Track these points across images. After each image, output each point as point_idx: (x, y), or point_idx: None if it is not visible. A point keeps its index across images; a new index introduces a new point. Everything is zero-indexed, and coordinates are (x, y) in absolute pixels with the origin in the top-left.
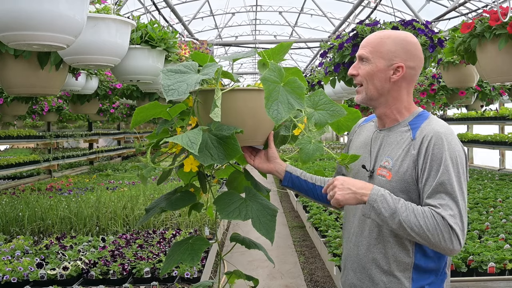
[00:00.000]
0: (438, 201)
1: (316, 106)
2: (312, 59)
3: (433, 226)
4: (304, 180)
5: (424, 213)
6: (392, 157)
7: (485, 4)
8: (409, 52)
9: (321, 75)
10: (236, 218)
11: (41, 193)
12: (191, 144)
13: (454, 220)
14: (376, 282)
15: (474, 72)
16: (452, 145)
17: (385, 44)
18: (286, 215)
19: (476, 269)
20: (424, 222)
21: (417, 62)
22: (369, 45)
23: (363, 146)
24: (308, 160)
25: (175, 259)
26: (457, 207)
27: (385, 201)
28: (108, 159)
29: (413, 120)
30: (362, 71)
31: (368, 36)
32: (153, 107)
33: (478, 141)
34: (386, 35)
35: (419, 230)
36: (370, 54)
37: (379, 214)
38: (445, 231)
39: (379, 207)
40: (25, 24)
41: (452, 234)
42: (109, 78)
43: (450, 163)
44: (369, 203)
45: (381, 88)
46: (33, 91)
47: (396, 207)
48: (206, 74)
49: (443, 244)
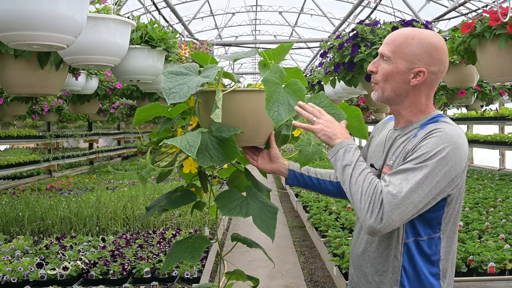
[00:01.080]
0: (391, 178)
1: None
2: (312, 59)
3: (368, 192)
4: (308, 176)
5: (372, 181)
6: (396, 155)
7: (485, 4)
8: (433, 56)
9: (321, 75)
10: (237, 215)
11: (41, 193)
12: (190, 147)
13: (389, 197)
14: (369, 281)
15: (474, 72)
16: (450, 149)
17: (410, 45)
18: (286, 215)
19: (476, 269)
20: (365, 183)
21: (440, 67)
22: (392, 43)
23: (379, 144)
24: (307, 162)
25: (176, 257)
26: (403, 192)
27: (349, 152)
28: (108, 159)
29: (425, 122)
30: (381, 69)
31: (393, 33)
32: (154, 108)
33: (478, 141)
34: (412, 35)
35: (356, 188)
36: (392, 54)
37: (337, 160)
38: (374, 201)
39: (341, 154)
40: (25, 24)
41: (378, 208)
42: (109, 78)
43: (434, 159)
44: (336, 147)
45: (399, 90)
46: (33, 91)
47: (355, 160)
48: (207, 76)
49: (365, 214)
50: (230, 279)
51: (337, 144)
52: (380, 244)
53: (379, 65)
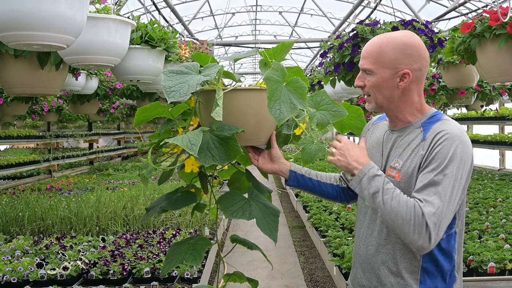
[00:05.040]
0: (424, 196)
1: (318, 106)
2: (312, 59)
3: (409, 216)
4: (309, 178)
5: (408, 202)
6: (402, 158)
7: (485, 4)
8: (411, 55)
9: (321, 75)
10: (240, 217)
11: (41, 193)
12: (191, 146)
13: (432, 218)
14: (383, 283)
15: (474, 72)
16: (460, 147)
17: (385, 53)
18: (286, 215)
19: (476, 269)
20: (403, 208)
21: (422, 61)
22: (369, 56)
23: (375, 146)
24: (311, 160)
25: (177, 259)
26: (441, 208)
27: (373, 180)
28: (108, 159)
29: (425, 121)
30: (368, 82)
31: (367, 45)
32: (154, 108)
33: (478, 141)
34: (384, 42)
35: (395, 214)
36: (372, 66)
37: (363, 189)
38: (419, 225)
39: (365, 182)
40: (25, 24)
41: (424, 231)
42: (109, 78)
43: (453, 164)
44: (358, 176)
45: (390, 96)
46: (33, 91)
47: (382, 187)
48: (208, 75)
49: (411, 237)
50: (229, 281)
51: (358, 173)
52: (395, 246)
53: (364, 78)
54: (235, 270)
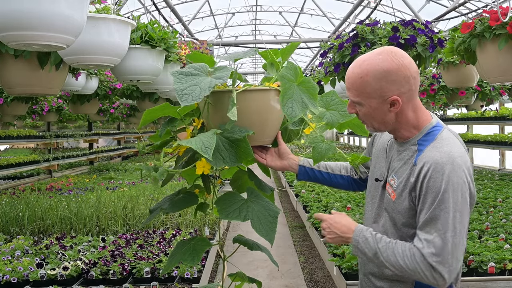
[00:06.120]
0: (425, 235)
1: (328, 106)
2: (312, 59)
3: (413, 265)
4: (319, 171)
5: (404, 252)
6: (398, 176)
7: (485, 4)
8: (396, 81)
9: (321, 75)
10: (235, 219)
11: (41, 193)
12: (205, 149)
13: (435, 258)
14: (386, 274)
15: (474, 72)
16: (452, 174)
17: (368, 83)
18: (286, 215)
19: (476, 269)
20: (404, 261)
21: (409, 81)
22: (353, 88)
23: (382, 150)
24: (321, 158)
25: (176, 259)
26: (443, 244)
27: (367, 242)
28: (108, 159)
29: (422, 138)
30: (360, 112)
31: (348, 73)
32: (163, 108)
33: (478, 141)
34: (365, 71)
35: (400, 269)
36: (358, 98)
37: (364, 254)
38: (425, 269)
39: (362, 247)
40: (25, 24)
41: (433, 272)
42: (109, 78)
43: (447, 194)
44: (353, 244)
45: (385, 120)
46: (33, 91)
47: (377, 247)
48: (220, 78)
49: (426, 280)
50: (234, 280)
51: (352, 241)
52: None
53: (355, 107)
54: (237, 271)
